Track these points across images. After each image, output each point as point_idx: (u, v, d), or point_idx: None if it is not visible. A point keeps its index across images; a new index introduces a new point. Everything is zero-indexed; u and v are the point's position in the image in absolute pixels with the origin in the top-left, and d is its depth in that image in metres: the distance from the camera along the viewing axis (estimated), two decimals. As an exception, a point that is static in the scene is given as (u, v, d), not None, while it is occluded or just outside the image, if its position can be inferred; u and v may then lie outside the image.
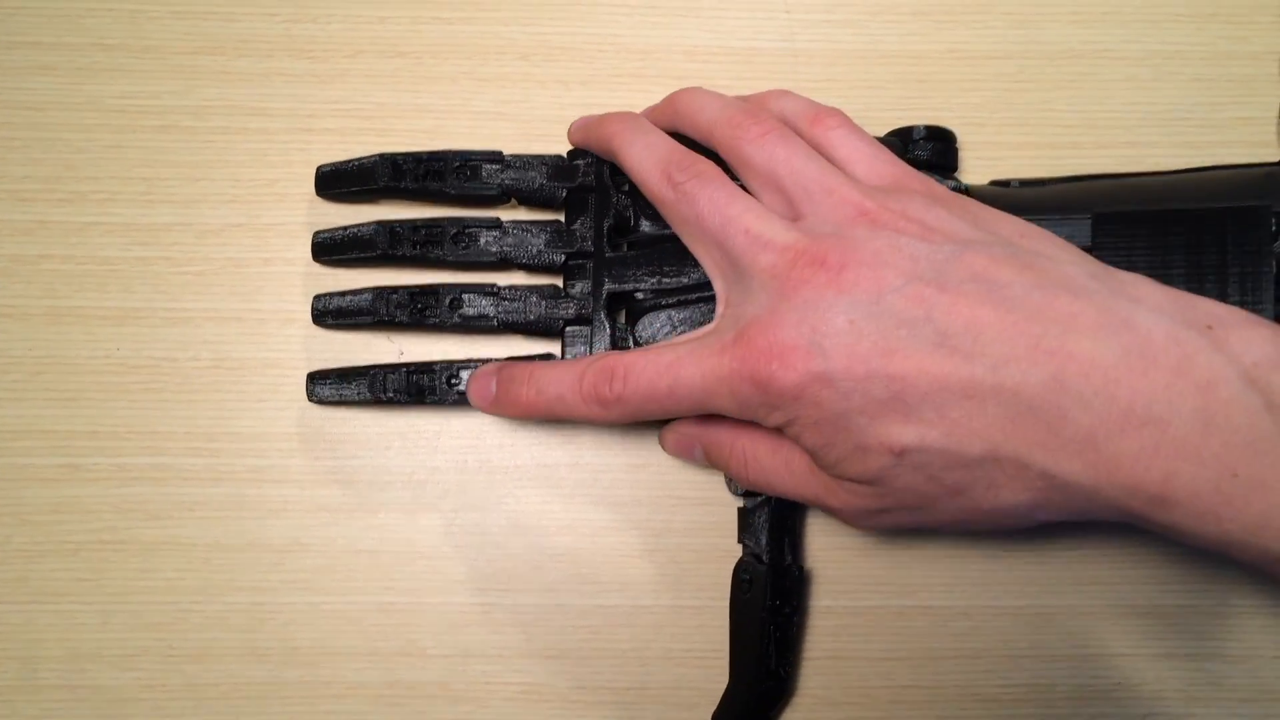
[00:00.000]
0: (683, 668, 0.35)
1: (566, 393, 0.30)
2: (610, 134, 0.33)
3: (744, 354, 0.27)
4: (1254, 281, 0.30)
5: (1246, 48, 0.37)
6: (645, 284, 0.33)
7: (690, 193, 0.30)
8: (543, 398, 0.31)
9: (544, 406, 0.31)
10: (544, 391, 0.31)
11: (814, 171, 0.29)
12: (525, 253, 0.34)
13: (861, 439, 0.26)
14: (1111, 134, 0.36)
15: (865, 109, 0.36)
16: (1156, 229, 0.31)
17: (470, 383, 0.33)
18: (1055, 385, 0.24)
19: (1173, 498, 0.24)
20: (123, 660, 0.35)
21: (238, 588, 0.35)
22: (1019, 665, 0.35)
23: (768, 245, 0.28)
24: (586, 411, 0.30)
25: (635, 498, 0.35)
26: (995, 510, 0.26)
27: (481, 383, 0.32)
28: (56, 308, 0.36)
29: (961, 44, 0.37)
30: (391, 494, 0.35)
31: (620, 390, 0.29)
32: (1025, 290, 0.26)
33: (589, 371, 0.30)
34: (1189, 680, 0.34)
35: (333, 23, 0.37)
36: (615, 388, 0.29)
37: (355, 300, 0.34)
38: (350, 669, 0.35)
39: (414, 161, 0.34)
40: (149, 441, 0.35)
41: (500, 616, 0.35)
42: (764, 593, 0.32)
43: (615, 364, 0.29)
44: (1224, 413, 0.24)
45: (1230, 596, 0.35)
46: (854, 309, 0.26)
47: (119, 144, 0.36)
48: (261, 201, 0.36)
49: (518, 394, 0.31)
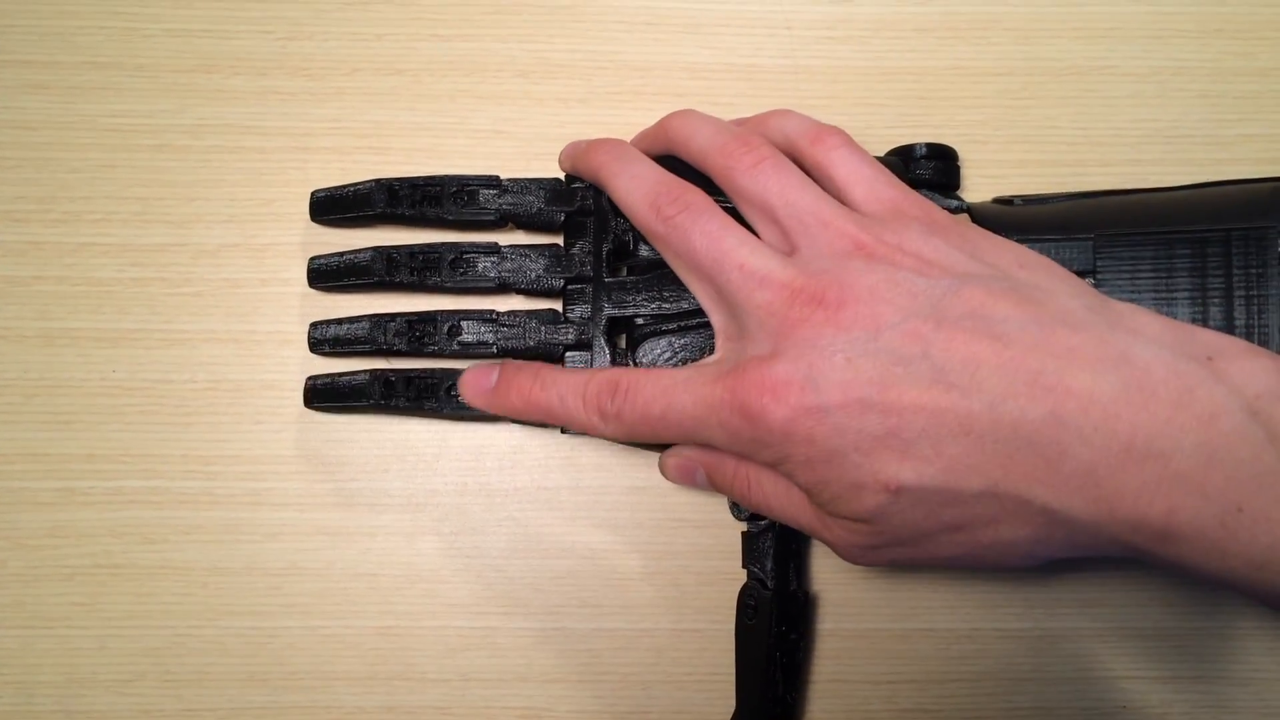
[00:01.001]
0: (684, 691, 0.35)
1: (569, 394, 0.30)
2: (597, 165, 0.32)
3: (735, 385, 0.27)
4: (1260, 304, 0.30)
5: (1252, 64, 0.36)
6: (645, 309, 0.33)
7: (681, 226, 0.29)
8: (545, 395, 0.30)
9: (544, 403, 0.30)
10: (547, 387, 0.30)
11: (809, 203, 0.29)
12: (524, 278, 0.34)
13: (856, 476, 0.26)
14: (1115, 151, 0.36)
15: (867, 126, 0.36)
16: (1160, 251, 0.31)
17: (466, 374, 0.32)
18: (1054, 421, 0.24)
19: (1177, 532, 0.24)
20: (120, 685, 0.34)
21: (235, 612, 0.35)
22: (1022, 688, 0.34)
23: (764, 282, 0.28)
24: (585, 419, 0.30)
25: (636, 520, 0.35)
26: (995, 546, 0.26)
27: (479, 374, 0.32)
28: (50, 330, 0.35)
29: (964, 61, 0.37)
30: (390, 517, 0.35)
31: (620, 405, 0.29)
32: (1022, 325, 0.25)
33: (595, 379, 0.30)
34: (1194, 703, 0.34)
35: (329, 40, 0.37)
36: (616, 402, 0.29)
37: (352, 329, 0.34)
38: (349, 693, 0.35)
39: (410, 187, 0.34)
40: (145, 465, 0.35)
41: (500, 640, 0.35)
42: (770, 619, 0.32)
43: (620, 378, 0.29)
44: (1227, 446, 0.23)
45: (1235, 619, 0.34)
46: (851, 346, 0.26)
47: (113, 163, 0.36)
48: (258, 221, 0.36)
49: (521, 384, 0.31)
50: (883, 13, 0.37)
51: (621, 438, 0.30)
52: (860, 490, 0.26)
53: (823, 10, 0.37)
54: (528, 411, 0.31)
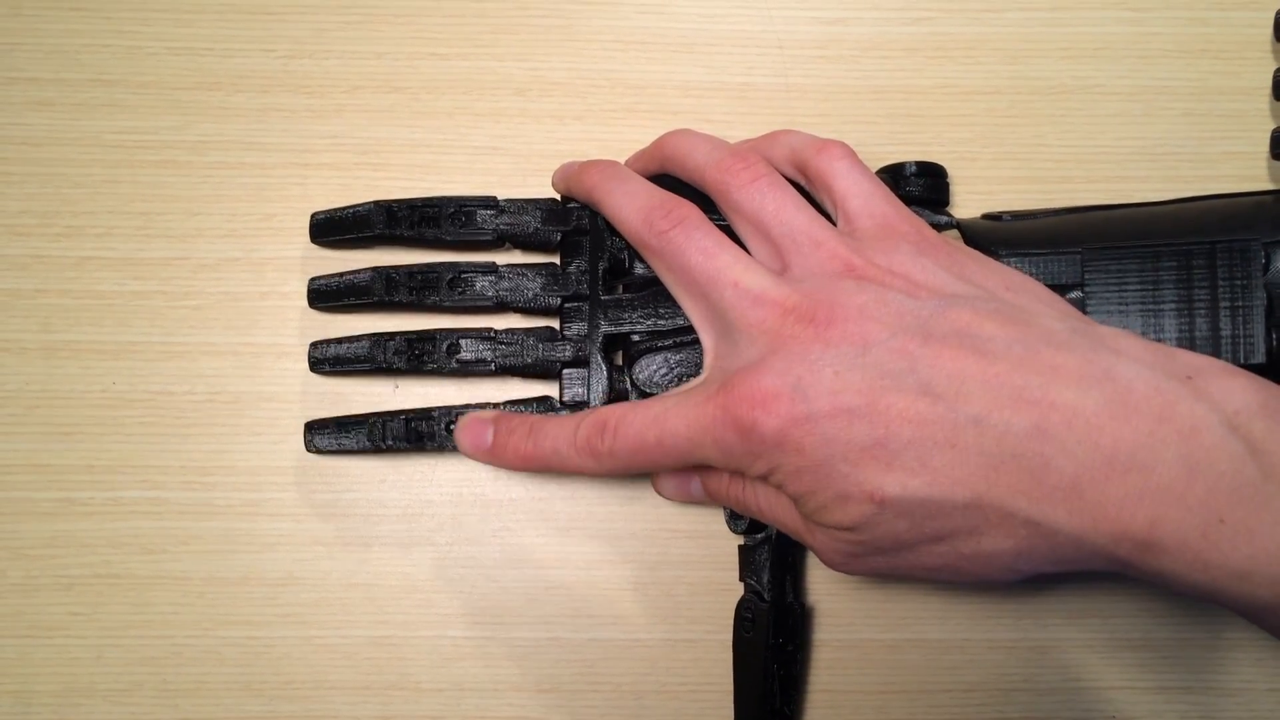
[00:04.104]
0: (678, 701, 0.35)
1: (562, 445, 0.30)
2: (590, 185, 0.33)
3: (726, 401, 0.27)
4: (1245, 314, 0.31)
5: (1236, 83, 0.37)
6: (641, 326, 0.33)
7: (675, 241, 0.30)
8: (540, 450, 0.30)
9: (540, 459, 0.31)
10: (540, 444, 0.30)
11: (802, 222, 0.29)
12: (521, 296, 0.34)
13: (843, 487, 0.26)
14: (1102, 168, 0.37)
15: (858, 144, 0.36)
16: (1147, 263, 0.31)
17: (462, 430, 0.32)
18: (1038, 434, 0.25)
19: (1159, 543, 0.24)
20: (118, 695, 0.35)
21: (232, 622, 0.35)
22: (1012, 699, 0.35)
23: (758, 300, 0.28)
24: (580, 464, 0.30)
25: (630, 531, 0.36)
26: (977, 557, 0.26)
27: (475, 430, 0.32)
28: (52, 342, 0.36)
29: (953, 79, 0.37)
30: (386, 528, 0.35)
31: (611, 444, 0.29)
32: (1008, 343, 0.26)
33: (583, 425, 0.30)
34: (1183, 714, 0.34)
35: (330, 59, 0.37)
36: (606, 440, 0.29)
37: (352, 348, 0.34)
38: (344, 703, 0.35)
39: (408, 208, 0.35)
40: (144, 476, 0.35)
41: (495, 650, 0.35)
42: (767, 631, 0.32)
43: (608, 416, 0.29)
44: (1208, 459, 0.24)
45: (1224, 630, 0.35)
46: (839, 361, 0.26)
47: (116, 179, 0.37)
48: (258, 236, 0.36)
49: (516, 446, 0.31)
50: (873, 33, 0.38)
51: (619, 473, 0.30)
52: (846, 500, 0.26)
53: (814, 30, 0.38)
54: (525, 468, 0.31)
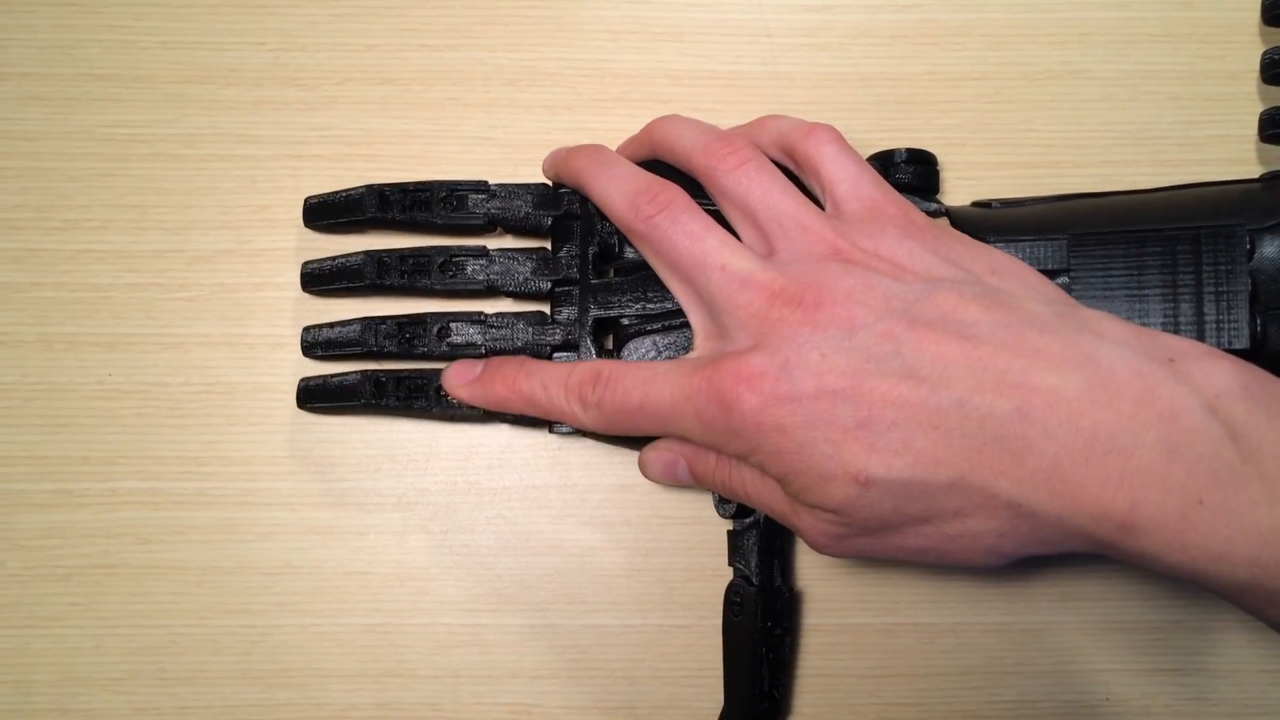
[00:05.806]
0: (672, 686, 0.35)
1: (552, 383, 0.30)
2: (578, 170, 0.33)
3: (712, 375, 0.27)
4: (1229, 299, 0.31)
5: (1223, 66, 0.37)
6: (630, 310, 0.33)
7: (661, 226, 0.30)
8: (529, 382, 0.31)
9: (527, 391, 0.31)
10: (531, 376, 0.31)
11: (789, 206, 0.30)
12: (512, 280, 0.34)
13: (826, 468, 0.26)
14: (1090, 153, 0.37)
15: (846, 131, 0.36)
16: (1132, 249, 0.31)
17: (451, 368, 0.33)
18: (1020, 416, 0.25)
19: (1139, 524, 0.24)
20: (116, 684, 0.35)
21: (229, 611, 0.35)
22: (1006, 681, 0.35)
23: (745, 283, 0.28)
24: (566, 407, 0.30)
25: (623, 518, 0.36)
26: (960, 539, 0.27)
27: (464, 366, 0.32)
28: (48, 334, 0.36)
29: (940, 66, 0.37)
30: (381, 516, 0.36)
31: (600, 395, 0.30)
32: (992, 327, 0.26)
33: (578, 369, 0.30)
34: (1175, 695, 0.35)
35: (321, 51, 0.38)
36: (598, 391, 0.30)
37: (344, 332, 0.35)
38: (341, 690, 0.35)
39: (401, 192, 0.35)
40: (140, 466, 0.36)
41: (490, 637, 0.35)
42: (755, 615, 0.33)
43: (602, 368, 0.30)
44: (1187, 441, 0.24)
45: (1216, 612, 0.35)
46: (826, 344, 0.27)
47: (110, 172, 0.37)
48: (251, 227, 0.37)
49: (506, 373, 0.31)
50: (861, 20, 0.38)
51: (601, 428, 0.30)
52: (829, 481, 0.26)
53: (802, 18, 0.38)
54: (511, 399, 0.31)
